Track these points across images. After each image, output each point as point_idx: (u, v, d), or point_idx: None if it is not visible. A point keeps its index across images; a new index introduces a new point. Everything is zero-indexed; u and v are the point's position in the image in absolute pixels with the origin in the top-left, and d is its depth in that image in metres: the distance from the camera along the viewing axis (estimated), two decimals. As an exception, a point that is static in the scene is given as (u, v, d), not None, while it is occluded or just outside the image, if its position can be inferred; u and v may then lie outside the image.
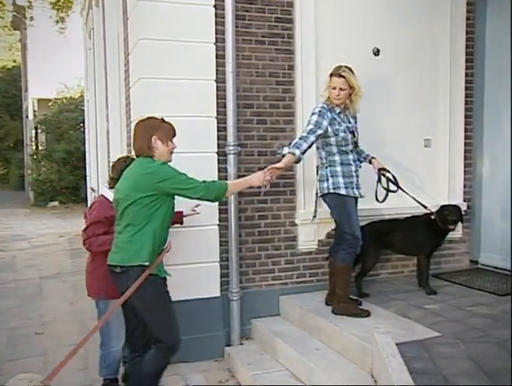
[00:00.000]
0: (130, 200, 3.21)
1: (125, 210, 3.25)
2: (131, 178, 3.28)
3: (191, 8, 4.34)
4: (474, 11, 5.35)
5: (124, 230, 3.26)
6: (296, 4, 4.73)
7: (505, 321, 3.80)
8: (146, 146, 3.31)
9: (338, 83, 4.14)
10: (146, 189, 3.19)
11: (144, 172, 3.24)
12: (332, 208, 4.29)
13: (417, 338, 3.58)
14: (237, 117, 4.55)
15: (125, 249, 3.23)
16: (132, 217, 3.23)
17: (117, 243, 3.31)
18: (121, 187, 3.33)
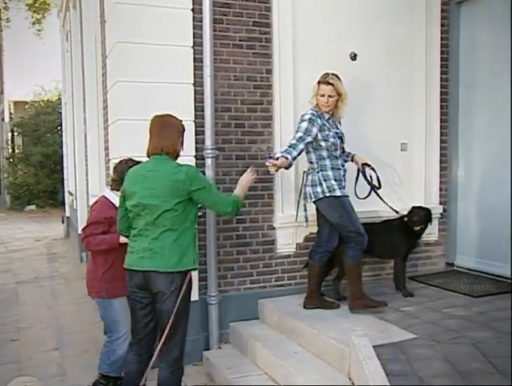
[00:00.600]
0: (168, 206, 3.18)
1: (160, 216, 3.19)
2: (164, 182, 3.20)
3: (168, 11, 4.33)
4: (448, 17, 5.43)
5: (161, 235, 3.21)
6: (274, 8, 4.75)
7: (480, 322, 3.86)
8: (176, 146, 3.34)
9: (327, 90, 4.22)
10: (182, 195, 3.20)
11: (180, 177, 3.19)
12: (329, 212, 4.29)
13: (394, 340, 3.62)
14: (215, 120, 4.55)
15: (168, 255, 3.19)
16: (170, 223, 3.20)
17: (152, 247, 3.22)
18: (147, 191, 3.22)
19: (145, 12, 4.28)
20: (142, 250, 3.24)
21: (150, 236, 3.23)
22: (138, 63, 4.29)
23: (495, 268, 5.05)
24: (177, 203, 3.18)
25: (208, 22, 4.43)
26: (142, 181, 3.26)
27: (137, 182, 3.29)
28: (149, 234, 3.24)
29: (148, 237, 3.24)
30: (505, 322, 3.82)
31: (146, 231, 3.26)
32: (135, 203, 3.27)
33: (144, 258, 3.23)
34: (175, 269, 3.18)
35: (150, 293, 3.25)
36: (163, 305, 3.21)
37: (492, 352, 3.31)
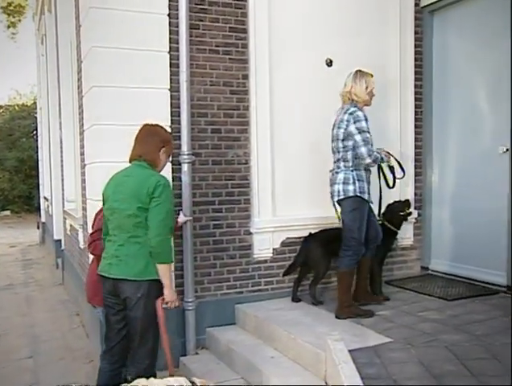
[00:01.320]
0: (130, 211, 3.16)
1: (124, 221, 3.19)
2: (133, 186, 3.20)
3: (144, 16, 4.32)
4: (422, 25, 5.53)
5: (126, 242, 3.20)
6: (250, 14, 4.77)
7: (454, 325, 3.91)
8: (155, 155, 3.33)
9: None
10: (145, 201, 3.14)
11: (148, 183, 3.15)
12: (347, 212, 4.26)
13: (369, 344, 3.64)
14: (192, 126, 4.54)
15: (132, 263, 3.17)
16: (133, 229, 3.18)
17: (118, 254, 3.21)
18: (118, 195, 3.24)
19: (121, 17, 4.26)
20: (111, 256, 3.26)
21: (117, 242, 3.24)
22: (113, 67, 4.27)
23: (468, 272, 5.13)
24: (138, 207, 3.14)
25: (184, 27, 4.43)
26: (117, 185, 3.29)
27: (112, 186, 3.33)
28: (116, 239, 3.25)
29: (115, 243, 3.25)
30: (477, 325, 3.88)
31: (114, 236, 3.27)
32: (107, 207, 3.31)
33: (112, 265, 3.23)
34: (140, 278, 3.16)
35: (121, 299, 3.22)
36: (131, 312, 3.19)
37: (465, 355, 3.36)
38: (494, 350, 3.42)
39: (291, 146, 5.01)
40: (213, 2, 4.65)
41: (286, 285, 4.90)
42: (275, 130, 4.91)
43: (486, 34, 5.02)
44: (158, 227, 3.14)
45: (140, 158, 3.31)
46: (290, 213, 4.97)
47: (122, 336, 3.33)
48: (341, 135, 4.25)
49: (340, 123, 4.28)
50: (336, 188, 4.28)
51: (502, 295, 4.67)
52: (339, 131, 4.28)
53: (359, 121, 4.17)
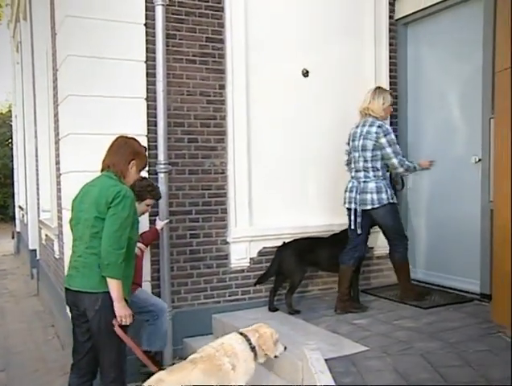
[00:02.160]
0: (89, 221, 3.11)
1: (83, 230, 3.14)
2: (94, 194, 3.14)
3: (120, 26, 4.32)
4: (396, 38, 5.62)
5: (84, 253, 3.13)
6: (227, 25, 4.80)
7: (428, 333, 3.95)
8: (123, 166, 3.27)
9: None
10: (103, 211, 3.07)
11: (109, 192, 3.08)
12: (388, 217, 4.59)
13: (346, 353, 3.65)
14: (168, 135, 4.54)
15: (88, 274, 3.10)
16: (90, 240, 3.11)
17: (77, 266, 3.15)
18: (81, 205, 3.20)
19: (97, 26, 4.25)
20: (71, 268, 3.23)
21: (77, 253, 3.20)
22: (89, 76, 4.25)
23: (443, 280, 5.20)
24: (95, 217, 3.08)
25: (160, 37, 4.44)
26: (83, 195, 3.26)
27: (79, 196, 3.30)
28: (76, 250, 3.21)
29: (75, 254, 3.21)
30: (451, 333, 3.93)
31: (75, 247, 3.23)
32: (72, 216, 3.29)
33: (71, 276, 3.20)
34: (96, 290, 3.08)
35: (83, 311, 3.15)
36: (91, 325, 3.14)
37: (439, 362, 3.40)
38: (468, 357, 3.46)
39: (267, 156, 5.03)
40: (190, 12, 4.67)
41: (263, 294, 4.91)
42: (252, 140, 4.93)
43: (457, 46, 5.13)
44: (109, 238, 3.02)
45: (108, 169, 3.28)
46: (267, 222, 4.98)
47: (88, 349, 3.26)
48: (371, 146, 4.51)
49: (367, 134, 4.54)
50: (369, 197, 4.55)
51: (476, 303, 4.74)
52: (366, 142, 4.53)
53: (389, 134, 4.49)
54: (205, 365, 3.03)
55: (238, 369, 3.13)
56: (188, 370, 2.99)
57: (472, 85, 4.87)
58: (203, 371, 2.99)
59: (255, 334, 3.31)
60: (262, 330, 3.35)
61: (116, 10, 4.30)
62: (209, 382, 2.98)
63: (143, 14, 4.42)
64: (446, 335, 3.89)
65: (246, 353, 3.22)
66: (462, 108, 5.08)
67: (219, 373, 3.04)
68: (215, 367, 3.05)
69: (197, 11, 4.70)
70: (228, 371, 3.08)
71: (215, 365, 3.06)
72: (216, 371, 3.04)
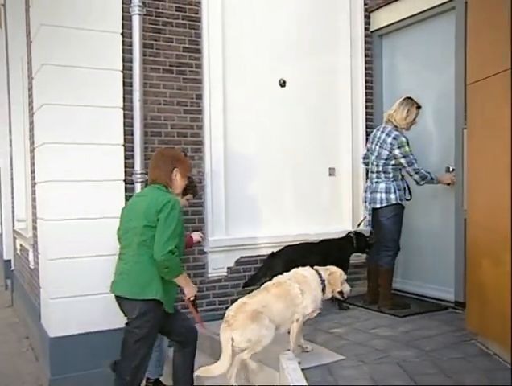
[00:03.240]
0: (138, 230, 3.24)
1: (131, 239, 3.28)
2: (143, 205, 3.29)
3: (97, 35, 4.30)
4: (372, 48, 5.71)
5: (130, 261, 3.29)
6: (204, 35, 4.82)
7: (404, 341, 3.99)
8: (166, 178, 3.42)
9: None
10: (152, 220, 3.21)
11: (157, 201, 3.23)
12: (391, 217, 4.77)
13: (323, 362, 3.66)
14: (145, 145, 4.53)
15: (131, 281, 3.26)
16: (137, 247, 3.26)
17: (122, 272, 3.33)
18: (130, 214, 3.36)
19: (73, 34, 4.23)
20: (117, 274, 3.39)
21: (123, 261, 3.36)
22: (65, 85, 4.22)
23: (418, 289, 5.25)
24: (144, 226, 3.21)
25: (137, 46, 4.44)
26: (131, 205, 3.46)
27: (128, 206, 3.50)
28: (123, 257, 3.37)
29: (122, 261, 3.38)
30: (426, 341, 3.98)
31: (122, 254, 3.39)
32: (120, 226, 3.46)
33: (115, 282, 3.38)
34: (136, 297, 3.23)
35: None
36: (127, 327, 3.31)
37: (414, 370, 3.43)
38: (442, 365, 3.50)
39: (244, 166, 5.05)
40: (167, 22, 4.68)
41: (240, 303, 4.90)
42: (229, 150, 4.94)
43: (431, 58, 5.24)
44: (162, 248, 3.15)
45: (154, 182, 3.44)
46: (244, 232, 4.99)
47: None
48: (385, 156, 4.73)
49: (383, 143, 4.75)
50: (379, 196, 4.79)
51: (451, 311, 4.81)
52: (382, 151, 4.74)
53: (403, 146, 4.65)
54: (277, 290, 3.57)
55: (307, 295, 3.63)
56: (263, 294, 3.56)
57: (446, 96, 4.96)
58: (274, 295, 3.53)
59: (326, 271, 3.81)
60: (333, 269, 3.87)
61: (92, 19, 4.28)
62: (279, 304, 3.50)
63: (120, 23, 4.41)
64: (421, 343, 3.93)
65: (316, 283, 3.72)
66: (436, 119, 5.17)
67: (287, 297, 3.56)
68: (285, 291, 3.58)
69: (174, 21, 4.71)
70: (296, 295, 3.59)
71: (285, 290, 3.58)
72: (285, 295, 3.56)
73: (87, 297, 4.29)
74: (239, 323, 3.36)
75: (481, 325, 3.82)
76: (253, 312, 3.39)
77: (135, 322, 3.25)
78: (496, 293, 3.61)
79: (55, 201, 4.24)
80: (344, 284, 3.88)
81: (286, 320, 3.56)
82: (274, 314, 3.45)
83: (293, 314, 3.58)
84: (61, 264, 4.24)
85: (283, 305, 3.53)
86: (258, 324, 3.36)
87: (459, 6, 4.69)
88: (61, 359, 4.24)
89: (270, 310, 3.44)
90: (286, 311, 3.54)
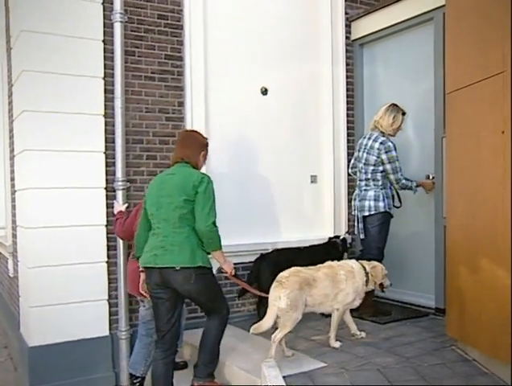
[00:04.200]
0: (177, 203, 3.45)
1: (170, 213, 3.47)
2: (178, 181, 3.51)
3: (78, 41, 4.28)
4: (353, 58, 5.77)
5: (172, 233, 3.47)
6: (186, 42, 4.82)
7: (385, 348, 4.03)
8: (196, 157, 3.69)
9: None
10: (191, 194, 3.46)
11: (193, 178, 3.49)
12: (378, 225, 4.79)
13: (304, 369, 3.67)
14: (127, 152, 4.51)
15: (178, 251, 3.44)
16: (179, 220, 3.46)
17: (164, 245, 3.46)
18: (164, 191, 3.53)
19: (53, 41, 4.21)
20: (156, 248, 3.49)
21: (162, 234, 3.50)
22: (45, 92, 4.19)
23: (400, 295, 5.29)
24: (184, 200, 3.44)
25: (119, 53, 4.42)
26: (161, 183, 3.61)
27: (157, 184, 3.64)
28: (161, 232, 3.51)
29: (160, 235, 3.51)
30: (407, 347, 4.02)
31: (158, 229, 3.53)
32: (151, 203, 3.58)
33: (157, 255, 3.47)
34: (188, 265, 3.42)
35: (169, 288, 3.48)
36: (190, 294, 3.54)
37: (395, 376, 3.45)
38: (423, 371, 3.53)
39: (226, 174, 5.05)
40: (149, 29, 4.68)
41: (222, 311, 4.89)
42: (211, 158, 4.87)
43: (411, 67, 5.31)
44: (205, 219, 3.44)
45: (182, 160, 3.64)
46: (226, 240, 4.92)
47: (172, 324, 3.58)
48: (373, 161, 4.76)
49: (370, 149, 4.78)
50: (367, 204, 4.81)
51: (431, 317, 4.86)
52: (369, 157, 4.78)
53: (390, 151, 4.68)
54: (327, 270, 4.01)
55: (350, 283, 4.03)
56: (315, 270, 3.99)
57: (425, 105, 5.02)
58: (324, 274, 3.97)
59: (369, 265, 4.21)
60: (375, 263, 4.26)
61: (73, 26, 4.27)
62: (326, 282, 3.94)
63: (101, 30, 4.40)
64: (402, 350, 3.96)
65: (361, 274, 4.11)
66: (416, 128, 5.23)
67: (334, 279, 3.98)
68: (333, 273, 4.00)
69: (156, 29, 4.71)
70: (341, 280, 4.00)
71: (333, 273, 4.01)
72: (332, 276, 3.98)
73: (67, 305, 4.26)
74: (289, 284, 3.77)
75: (461, 331, 3.86)
76: (304, 280, 3.83)
77: (194, 286, 3.46)
78: (474, 300, 3.66)
79: (35, 209, 4.20)
80: (385, 278, 4.26)
81: (327, 300, 3.96)
82: (319, 290, 3.89)
83: (335, 297, 3.97)
84: (41, 273, 4.20)
85: (330, 284, 3.94)
86: (301, 293, 3.78)
87: (437, 17, 4.77)
88: (40, 369, 4.19)
89: (317, 286, 3.88)
90: (330, 291, 3.95)
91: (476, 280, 3.61)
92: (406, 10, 5.13)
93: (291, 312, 3.72)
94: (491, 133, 3.41)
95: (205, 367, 3.67)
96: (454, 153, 3.96)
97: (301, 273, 3.88)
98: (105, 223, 4.43)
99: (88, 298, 4.37)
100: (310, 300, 3.86)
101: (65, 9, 4.25)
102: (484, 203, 3.52)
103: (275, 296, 3.77)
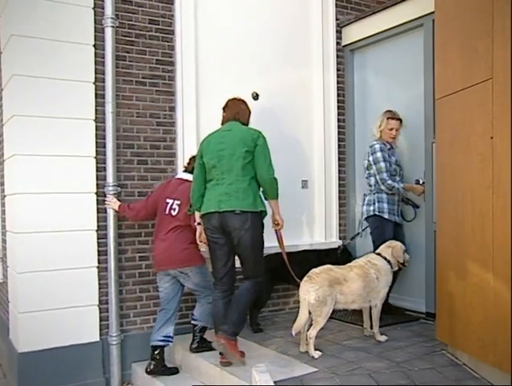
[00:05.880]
0: (239, 154, 3.80)
1: (233, 163, 3.81)
2: (236, 135, 3.87)
3: (68, 46, 4.29)
4: (343, 63, 5.79)
5: (235, 181, 3.81)
6: (177, 47, 4.83)
7: (376, 353, 4.04)
8: (247, 117, 4.12)
9: (396, 125, 4.94)
10: (250, 146, 3.83)
11: (251, 132, 3.90)
12: (372, 229, 4.99)
13: (295, 374, 3.67)
14: (117, 157, 4.51)
15: (242, 197, 3.78)
16: (241, 170, 3.81)
17: (228, 191, 3.81)
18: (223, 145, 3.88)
19: (44, 45, 4.22)
20: (219, 195, 3.83)
21: (226, 183, 3.84)
22: (36, 96, 4.19)
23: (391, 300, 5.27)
24: (246, 151, 3.81)
25: (110, 58, 4.43)
26: (218, 138, 3.94)
27: (214, 141, 3.95)
28: (224, 181, 3.85)
29: (224, 184, 3.85)
30: (398, 352, 4.03)
31: (222, 179, 3.86)
32: (211, 157, 3.90)
33: (222, 201, 3.81)
34: (249, 209, 3.77)
35: (226, 234, 3.83)
36: (240, 241, 3.79)
37: (386, 381, 3.46)
38: (413, 375, 3.54)
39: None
40: (140, 34, 4.68)
41: (213, 316, 4.88)
42: (202, 162, 4.93)
43: (401, 73, 5.34)
44: (267, 169, 3.86)
45: (235, 119, 4.02)
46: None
47: (229, 267, 3.96)
48: (365, 165, 5.01)
49: (365, 155, 5.04)
50: (364, 209, 5.07)
51: (422, 321, 4.88)
52: (364, 162, 5.05)
53: (374, 153, 4.88)
54: (358, 270, 4.19)
55: (381, 280, 4.25)
56: (347, 270, 4.17)
57: (415, 111, 5.05)
58: (356, 274, 4.16)
59: (388, 249, 4.41)
60: (393, 244, 4.45)
61: (64, 31, 4.28)
62: (358, 282, 4.12)
63: (92, 35, 4.40)
64: (393, 354, 3.98)
65: (386, 267, 4.32)
66: (406, 133, 5.24)
67: (367, 278, 4.17)
68: (364, 273, 4.19)
69: (147, 34, 4.72)
70: (373, 279, 4.21)
71: (365, 272, 4.20)
72: (365, 276, 4.17)
73: (57, 311, 4.25)
74: (319, 280, 3.97)
75: (451, 335, 3.88)
76: (334, 279, 4.03)
77: (247, 232, 3.76)
78: (463, 304, 3.68)
79: (25, 214, 4.19)
80: (404, 253, 4.46)
81: (360, 298, 4.15)
82: (352, 289, 4.08)
83: (368, 295, 4.18)
84: (30, 278, 4.19)
85: (362, 284, 4.13)
86: (330, 290, 3.96)
87: (427, 23, 4.81)
88: (30, 375, 4.18)
89: (349, 286, 4.08)
90: (362, 290, 4.13)
91: (466, 284, 3.63)
92: (396, 16, 5.16)
93: (321, 306, 3.90)
94: (480, 139, 3.44)
95: (233, 325, 3.83)
96: (443, 158, 3.99)
97: (332, 271, 4.08)
98: (95, 228, 4.43)
99: (79, 304, 4.36)
100: (341, 298, 4.06)
101: (56, 13, 4.25)
102: (473, 207, 3.54)
103: (305, 290, 3.97)
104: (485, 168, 3.39)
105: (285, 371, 3.72)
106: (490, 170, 3.33)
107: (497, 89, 3.26)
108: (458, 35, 3.73)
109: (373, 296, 4.22)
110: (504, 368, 3.23)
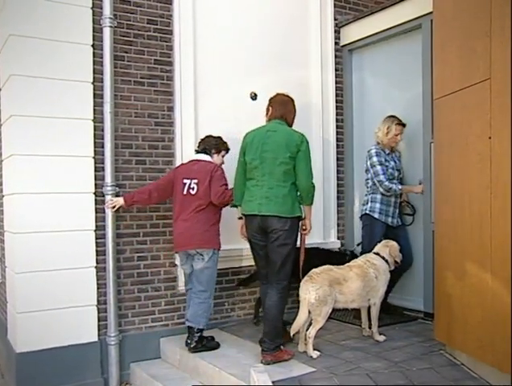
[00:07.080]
0: (281, 159, 3.81)
1: (275, 167, 3.83)
2: (281, 139, 3.85)
3: (67, 46, 4.29)
4: (342, 63, 5.79)
5: (276, 186, 3.83)
6: (176, 48, 4.82)
7: (374, 353, 4.04)
8: (292, 118, 4.11)
9: (402, 130, 4.97)
10: (294, 151, 3.83)
11: (295, 137, 3.88)
12: (362, 227, 5.10)
13: (293, 374, 3.67)
14: (116, 157, 4.50)
15: (281, 203, 3.81)
16: (283, 175, 3.83)
17: (268, 196, 3.83)
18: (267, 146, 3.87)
19: (42, 45, 4.21)
20: (260, 198, 3.86)
21: (267, 186, 3.86)
22: (34, 96, 4.18)
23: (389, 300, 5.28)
24: (289, 157, 3.81)
25: (108, 58, 4.42)
26: (263, 138, 3.92)
27: (258, 138, 3.94)
28: (265, 184, 3.87)
29: (264, 187, 3.87)
30: (396, 352, 4.04)
31: (262, 181, 3.88)
32: (254, 157, 3.91)
33: (262, 204, 3.85)
34: (287, 215, 3.81)
35: (266, 234, 3.87)
36: (276, 242, 3.84)
37: (384, 381, 3.46)
38: (411, 375, 3.55)
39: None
40: (139, 34, 4.68)
41: (212, 316, 4.87)
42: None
43: (399, 74, 5.34)
44: (307, 175, 3.89)
45: (281, 118, 4.01)
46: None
47: (267, 263, 3.99)
48: (365, 168, 5.09)
49: (365, 158, 5.09)
50: (360, 208, 5.21)
51: (420, 321, 4.88)
52: (365, 165, 5.07)
53: (371, 157, 4.96)
54: (358, 270, 4.23)
55: (380, 279, 4.29)
56: (347, 270, 4.21)
57: (414, 111, 5.05)
58: (356, 274, 4.20)
59: (385, 249, 4.44)
60: (390, 243, 4.49)
61: (62, 31, 4.27)
62: (358, 282, 4.16)
63: (91, 35, 4.40)
64: (391, 354, 3.98)
65: (384, 266, 4.36)
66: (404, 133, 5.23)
67: (366, 277, 4.22)
68: (364, 272, 4.24)
69: (146, 34, 4.71)
70: (372, 279, 4.25)
71: (364, 271, 4.24)
72: (364, 275, 4.22)
73: (55, 311, 4.25)
74: (319, 280, 4.01)
75: (449, 335, 3.88)
76: (334, 279, 4.07)
77: (284, 234, 3.81)
78: (461, 304, 3.68)
79: (23, 214, 4.19)
80: (398, 253, 4.49)
81: (360, 297, 4.20)
82: (352, 289, 4.13)
83: (367, 294, 4.22)
84: (29, 278, 4.18)
85: (362, 284, 4.18)
86: (330, 290, 4.00)
87: (425, 24, 4.81)
88: (28, 376, 4.17)
89: (348, 286, 4.12)
90: (361, 290, 4.18)
91: (464, 285, 3.64)
92: (394, 16, 5.16)
93: (321, 306, 3.94)
94: (478, 139, 3.44)
95: (272, 341, 3.88)
96: (442, 158, 3.99)
97: (332, 271, 4.12)
98: (93, 228, 4.42)
99: (77, 304, 4.35)
100: (341, 297, 4.10)
101: (54, 13, 4.25)
102: (471, 208, 3.55)
103: (305, 289, 4.01)
104: (483, 168, 3.39)
105: (283, 371, 3.72)
106: (488, 171, 3.33)
107: (496, 89, 3.27)
108: (456, 35, 3.74)
109: (373, 295, 4.25)
110: (502, 368, 3.24)
